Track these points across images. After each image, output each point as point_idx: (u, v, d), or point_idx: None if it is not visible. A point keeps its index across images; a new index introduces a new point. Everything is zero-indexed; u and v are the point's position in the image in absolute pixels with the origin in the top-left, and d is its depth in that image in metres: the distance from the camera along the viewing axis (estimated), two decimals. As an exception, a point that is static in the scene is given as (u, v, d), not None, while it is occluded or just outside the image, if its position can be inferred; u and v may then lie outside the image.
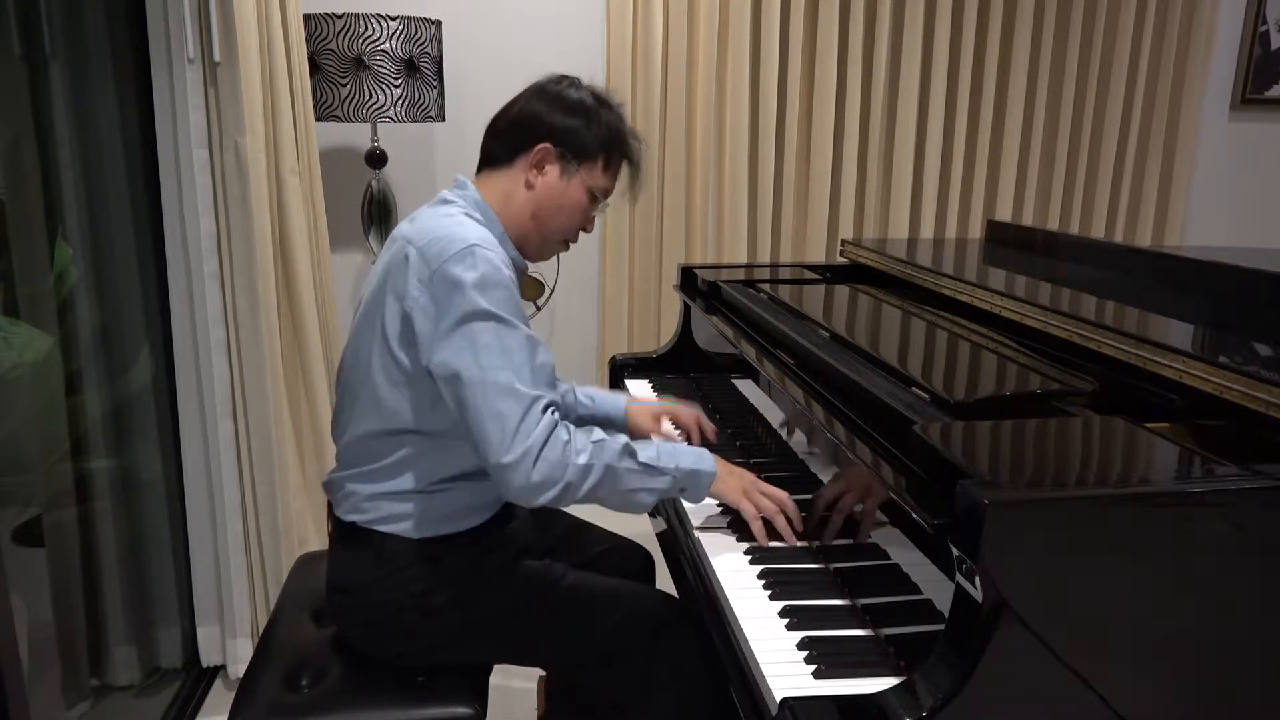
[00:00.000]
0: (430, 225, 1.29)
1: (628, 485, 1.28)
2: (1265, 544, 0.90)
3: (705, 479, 1.33)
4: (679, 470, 1.31)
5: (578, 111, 1.37)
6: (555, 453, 1.21)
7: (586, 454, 1.23)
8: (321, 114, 2.46)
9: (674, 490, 1.33)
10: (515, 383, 1.20)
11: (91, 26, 1.87)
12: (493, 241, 1.28)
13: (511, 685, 2.08)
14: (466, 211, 1.34)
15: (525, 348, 1.23)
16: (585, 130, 1.37)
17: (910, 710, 0.86)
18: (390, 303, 1.27)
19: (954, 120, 3.16)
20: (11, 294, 1.67)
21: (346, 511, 1.35)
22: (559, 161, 1.37)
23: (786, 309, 1.70)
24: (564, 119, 1.36)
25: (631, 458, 1.28)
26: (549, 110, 1.37)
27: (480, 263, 1.22)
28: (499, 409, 1.19)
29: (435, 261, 1.23)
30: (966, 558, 0.87)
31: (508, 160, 1.38)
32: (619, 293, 3.07)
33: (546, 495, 1.22)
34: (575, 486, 1.23)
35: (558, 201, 1.38)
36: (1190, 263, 1.66)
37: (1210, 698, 0.94)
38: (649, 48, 2.88)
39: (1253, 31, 3.39)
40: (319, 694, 1.32)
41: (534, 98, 1.39)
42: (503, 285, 1.24)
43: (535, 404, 1.21)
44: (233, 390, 2.02)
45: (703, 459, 1.34)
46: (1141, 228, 3.40)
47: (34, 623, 1.71)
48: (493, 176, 1.39)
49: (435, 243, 1.25)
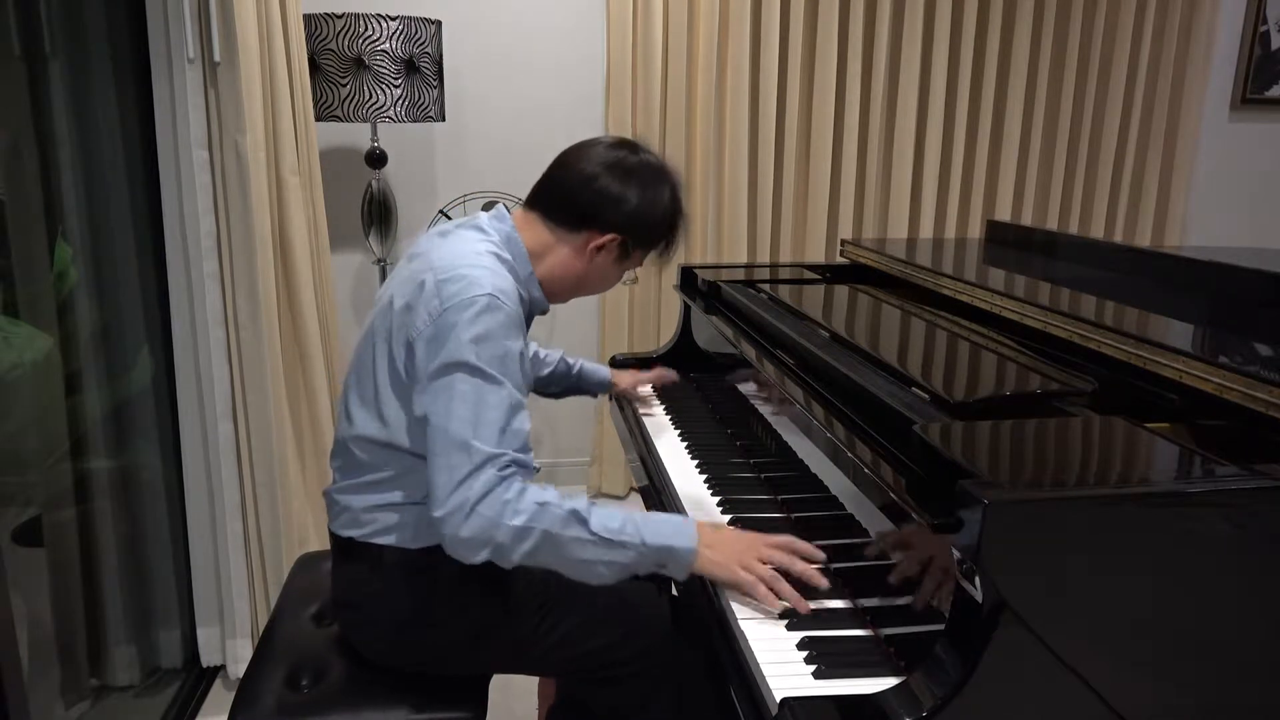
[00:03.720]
0: (454, 258, 1.27)
1: (578, 555, 1.18)
2: (1265, 544, 0.90)
3: (683, 556, 1.20)
4: (646, 546, 1.19)
5: (657, 208, 1.37)
6: (491, 509, 1.15)
7: (525, 515, 1.16)
8: (321, 114, 2.46)
9: (646, 566, 1.22)
10: (473, 440, 1.16)
11: (91, 26, 1.87)
12: (510, 291, 1.26)
13: (512, 687, 2.08)
14: (496, 250, 1.32)
15: (501, 407, 1.19)
16: (657, 228, 1.39)
17: (910, 710, 0.86)
18: (398, 322, 1.26)
19: (954, 120, 3.16)
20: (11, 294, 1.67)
21: (343, 526, 1.35)
22: (619, 248, 1.38)
23: (786, 309, 1.70)
24: (643, 214, 1.36)
25: (581, 525, 1.18)
26: (630, 199, 1.35)
27: (487, 315, 1.20)
28: (451, 461, 1.16)
29: (447, 300, 1.21)
30: (966, 558, 0.87)
31: (571, 226, 1.36)
32: (619, 293, 3.07)
33: (479, 554, 1.17)
34: (508, 548, 1.16)
35: (606, 277, 1.42)
36: (1190, 263, 1.66)
37: (1210, 698, 0.94)
38: (649, 48, 2.88)
39: (1253, 31, 3.39)
40: (319, 694, 1.32)
41: (620, 176, 1.35)
42: (502, 341, 1.21)
43: (490, 462, 1.16)
44: (233, 390, 2.02)
45: (681, 532, 1.22)
46: (1141, 228, 3.40)
47: (34, 623, 1.71)
48: (542, 225, 1.37)
49: (453, 281, 1.23)
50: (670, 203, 1.39)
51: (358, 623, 1.37)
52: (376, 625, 1.34)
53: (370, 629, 1.35)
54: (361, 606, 1.35)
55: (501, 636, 1.34)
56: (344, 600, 1.38)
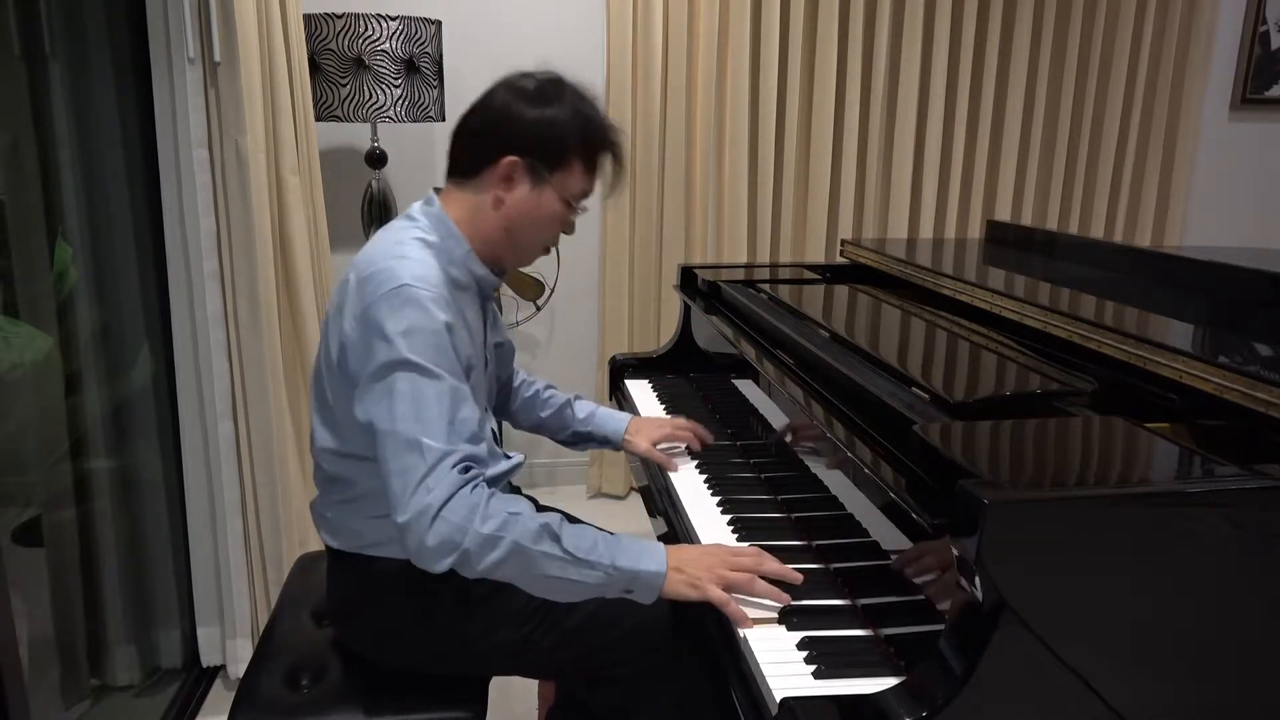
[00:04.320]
0: (374, 253, 1.24)
1: (545, 571, 1.15)
2: (1265, 544, 0.90)
3: (652, 579, 1.18)
4: (615, 568, 1.17)
5: (544, 114, 1.26)
6: (457, 514, 1.11)
7: (495, 523, 1.12)
8: (321, 114, 2.46)
9: (615, 589, 1.19)
10: (423, 437, 1.12)
11: (91, 26, 1.87)
12: (433, 277, 1.21)
13: (512, 687, 2.07)
14: (422, 235, 1.27)
15: (444, 400, 1.15)
16: (554, 134, 1.27)
17: (910, 710, 0.86)
18: (334, 327, 1.24)
19: (953, 120, 3.16)
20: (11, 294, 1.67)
21: (330, 537, 1.34)
22: (528, 174, 1.28)
23: (786, 309, 1.70)
24: (530, 125, 1.26)
25: (554, 541, 1.15)
26: (513, 116, 1.26)
27: (408, 306, 1.16)
28: (403, 464, 1.12)
29: (368, 298, 1.18)
30: (966, 558, 0.87)
31: (473, 173, 1.30)
32: (619, 293, 3.07)
33: (443, 561, 1.12)
34: (475, 556, 1.12)
35: (531, 216, 1.30)
36: (1190, 263, 1.66)
37: (1210, 698, 0.94)
38: (649, 48, 2.88)
39: (1253, 31, 3.39)
40: (319, 694, 1.32)
41: (496, 102, 1.28)
42: (429, 330, 1.16)
43: (444, 460, 1.12)
44: (233, 390, 2.02)
45: (648, 556, 1.19)
46: (1141, 228, 3.40)
47: (34, 623, 1.71)
48: (459, 190, 1.32)
49: (373, 276, 1.19)
50: (573, 111, 1.28)
51: (352, 630, 1.37)
52: (371, 633, 1.34)
53: (365, 636, 1.35)
54: (355, 615, 1.35)
55: (498, 641, 1.32)
56: (338, 608, 1.38)
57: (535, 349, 3.21)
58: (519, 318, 2.99)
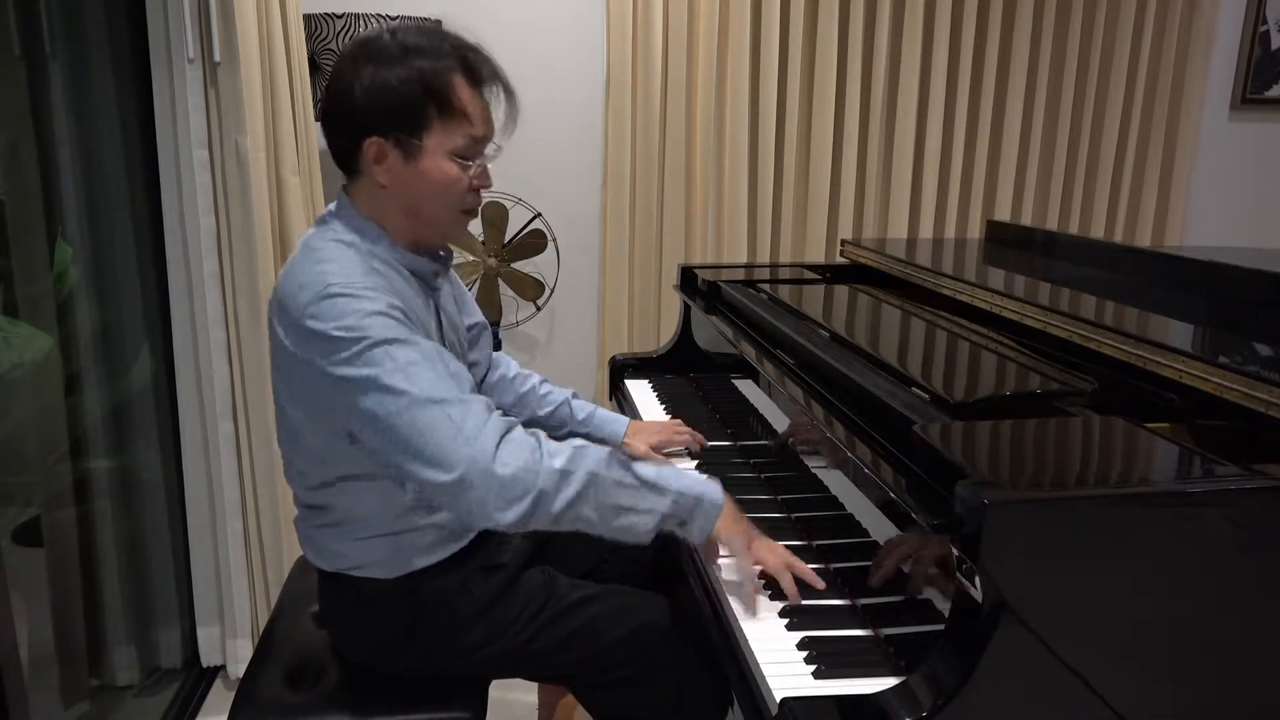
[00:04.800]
0: (291, 269, 1.17)
1: (618, 501, 1.10)
2: (1265, 544, 0.90)
3: (711, 509, 1.17)
4: (680, 493, 1.15)
5: (378, 78, 1.14)
6: (519, 456, 1.03)
7: (564, 456, 1.06)
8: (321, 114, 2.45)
9: (675, 518, 1.16)
10: (431, 392, 1.04)
11: (91, 26, 1.87)
12: (355, 276, 1.12)
13: (512, 687, 2.07)
14: (336, 237, 1.19)
15: (429, 357, 1.09)
16: (396, 95, 1.13)
17: (910, 710, 0.86)
18: (278, 358, 1.18)
19: (954, 120, 3.16)
20: (11, 294, 1.67)
21: (315, 557, 1.33)
22: (396, 148, 1.16)
23: (786, 309, 1.70)
24: (370, 96, 1.13)
25: (624, 469, 1.11)
26: (351, 92, 1.15)
27: (340, 303, 1.09)
28: (420, 424, 1.03)
29: (296, 316, 1.10)
30: (966, 558, 0.87)
31: (351, 164, 1.21)
32: (619, 293, 3.07)
33: (514, 509, 1.03)
34: (551, 496, 1.05)
35: (421, 189, 1.18)
36: (1190, 263, 1.66)
37: (1210, 698, 0.94)
38: (649, 48, 2.88)
39: (1253, 31, 3.39)
40: (319, 694, 1.32)
41: (338, 82, 1.17)
42: (373, 312, 1.09)
43: (469, 406, 1.05)
44: (233, 391, 2.02)
45: (710, 487, 1.18)
46: (1141, 228, 3.40)
47: (34, 623, 1.71)
48: (352, 184, 1.24)
49: (293, 294, 1.12)
50: (405, 64, 1.14)
51: (347, 641, 1.36)
52: (366, 645, 1.33)
53: (360, 648, 1.35)
54: (349, 628, 1.35)
55: (495, 649, 1.31)
56: (331, 621, 1.38)
57: (535, 349, 3.21)
58: (519, 318, 2.99)
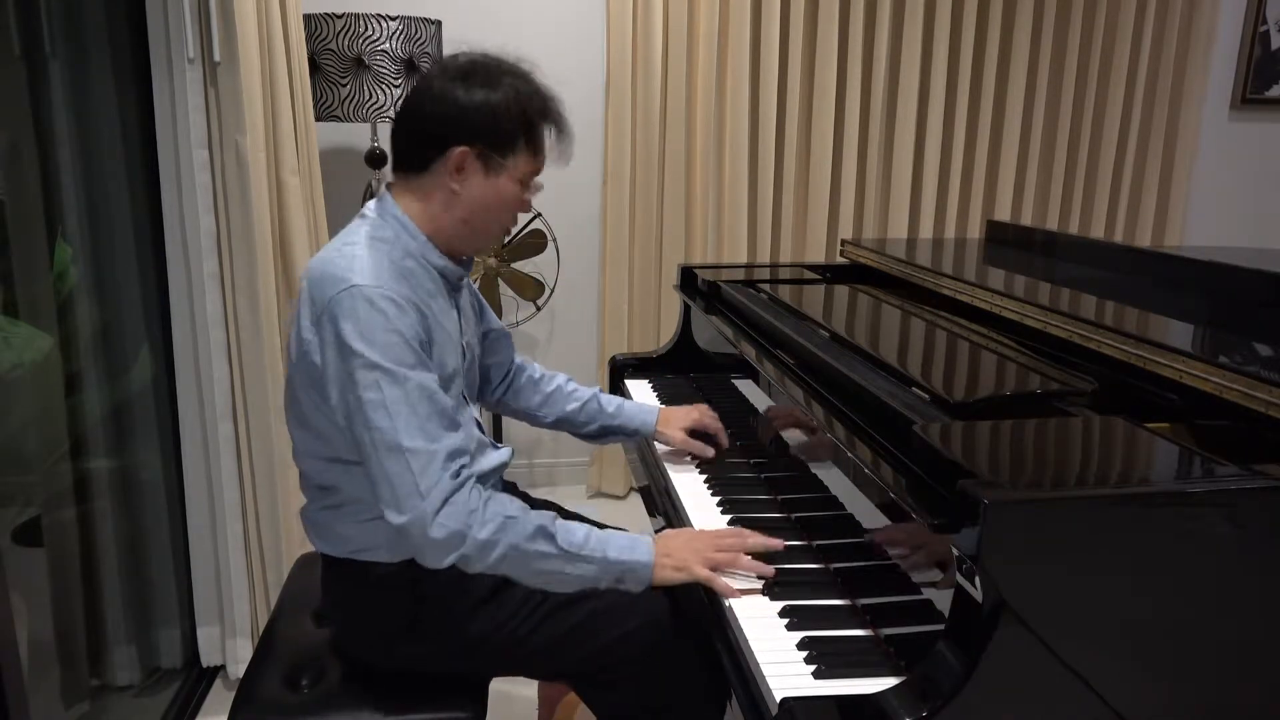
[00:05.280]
0: (325, 256, 1.23)
1: (541, 568, 1.21)
2: (1265, 544, 0.90)
3: (641, 571, 1.24)
4: (607, 560, 1.23)
5: (486, 99, 1.24)
6: (455, 520, 1.15)
7: (492, 527, 1.17)
8: (321, 114, 2.46)
9: (607, 580, 1.25)
10: (404, 441, 1.15)
11: (91, 26, 1.87)
12: (383, 274, 1.20)
13: (511, 688, 2.08)
14: (373, 232, 1.26)
15: (413, 398, 1.16)
16: (497, 118, 1.25)
17: (910, 710, 0.86)
18: (294, 334, 1.24)
19: (954, 120, 3.16)
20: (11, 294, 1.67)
21: (321, 542, 1.34)
22: (480, 163, 1.26)
23: (786, 309, 1.70)
24: (473, 111, 1.24)
25: (548, 540, 1.20)
26: (453, 103, 1.24)
27: (360, 307, 1.16)
28: (390, 470, 1.15)
29: (319, 304, 1.19)
30: (966, 558, 0.87)
31: (422, 166, 1.28)
32: (619, 293, 3.08)
33: (445, 561, 1.17)
34: (474, 559, 1.18)
35: (489, 203, 1.29)
36: (1190, 263, 1.66)
37: (1210, 697, 0.94)
38: (649, 48, 2.88)
39: (1253, 31, 3.39)
40: (319, 694, 1.32)
41: (435, 90, 1.26)
42: (383, 329, 1.16)
43: (431, 461, 1.15)
44: (233, 391, 2.02)
45: (636, 548, 1.25)
46: (1141, 228, 3.40)
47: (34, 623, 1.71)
48: (410, 183, 1.30)
49: (322, 280, 1.19)
50: (512, 90, 1.26)
51: (348, 632, 1.37)
52: (366, 637, 1.34)
53: (361, 640, 1.35)
54: (351, 619, 1.35)
55: (495, 644, 1.31)
56: (334, 613, 1.38)
57: (535, 349, 3.21)
58: (519, 318, 2.99)
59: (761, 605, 1.16)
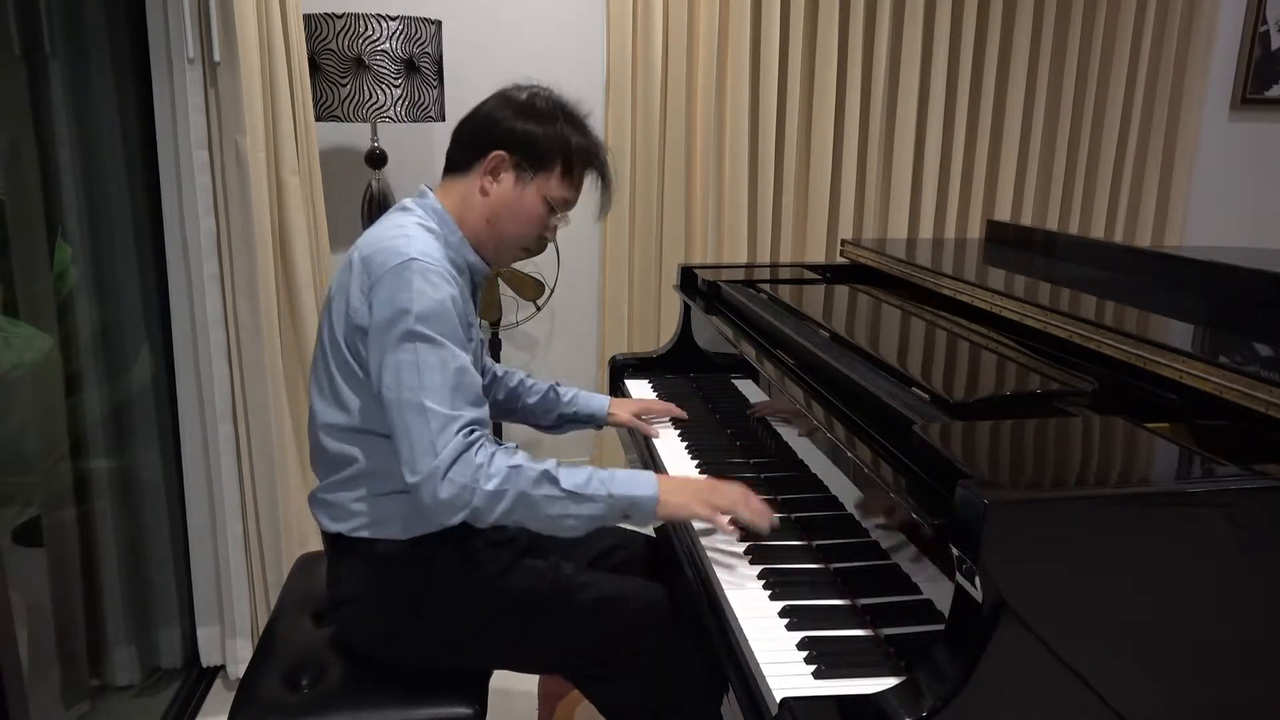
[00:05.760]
0: (378, 234, 1.32)
1: (549, 512, 1.24)
2: (1265, 544, 0.90)
3: (646, 504, 1.27)
4: (612, 496, 1.26)
5: (535, 119, 1.36)
6: (464, 475, 1.19)
7: (499, 479, 1.21)
8: (321, 114, 2.45)
9: (614, 516, 1.28)
10: (426, 400, 1.20)
11: (91, 26, 1.87)
12: (436, 255, 1.29)
13: (511, 686, 2.08)
14: (421, 221, 1.35)
15: (448, 368, 1.23)
16: (542, 138, 1.36)
17: (910, 710, 0.86)
18: (338, 305, 1.31)
19: (954, 120, 3.16)
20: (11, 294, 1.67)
21: (332, 522, 1.36)
22: (514, 169, 1.36)
23: (786, 309, 1.70)
24: (521, 126, 1.36)
25: (552, 484, 1.24)
26: (507, 116, 1.36)
27: (415, 278, 1.23)
28: (410, 428, 1.20)
29: (375, 274, 1.26)
30: (966, 558, 0.87)
31: (466, 166, 1.39)
32: (619, 293, 3.07)
33: (456, 516, 1.21)
34: (484, 510, 1.21)
35: (512, 209, 1.38)
36: (1190, 263, 1.66)
37: (1210, 697, 0.94)
38: (649, 48, 2.88)
39: (1253, 31, 3.39)
40: (319, 694, 1.32)
41: (495, 104, 1.39)
42: (435, 301, 1.24)
43: (449, 424, 1.20)
44: (233, 391, 2.02)
45: (639, 482, 1.28)
46: (1141, 228, 3.40)
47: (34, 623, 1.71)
48: (453, 182, 1.40)
49: (377, 254, 1.27)
50: (560, 129, 1.37)
51: (353, 618, 1.37)
52: (371, 619, 1.34)
53: (365, 623, 1.35)
54: (356, 601, 1.36)
55: (497, 631, 1.34)
56: (339, 596, 1.38)
57: (535, 349, 3.21)
58: (519, 318, 2.99)
59: (762, 605, 1.16)
